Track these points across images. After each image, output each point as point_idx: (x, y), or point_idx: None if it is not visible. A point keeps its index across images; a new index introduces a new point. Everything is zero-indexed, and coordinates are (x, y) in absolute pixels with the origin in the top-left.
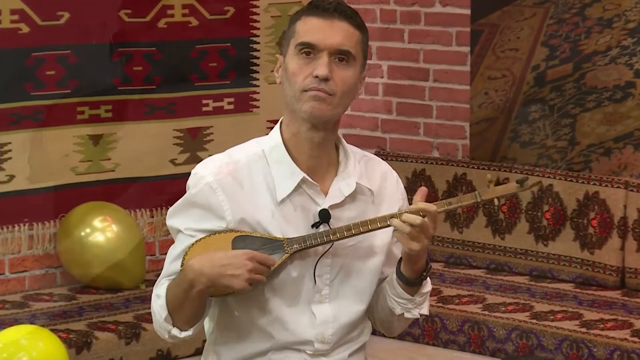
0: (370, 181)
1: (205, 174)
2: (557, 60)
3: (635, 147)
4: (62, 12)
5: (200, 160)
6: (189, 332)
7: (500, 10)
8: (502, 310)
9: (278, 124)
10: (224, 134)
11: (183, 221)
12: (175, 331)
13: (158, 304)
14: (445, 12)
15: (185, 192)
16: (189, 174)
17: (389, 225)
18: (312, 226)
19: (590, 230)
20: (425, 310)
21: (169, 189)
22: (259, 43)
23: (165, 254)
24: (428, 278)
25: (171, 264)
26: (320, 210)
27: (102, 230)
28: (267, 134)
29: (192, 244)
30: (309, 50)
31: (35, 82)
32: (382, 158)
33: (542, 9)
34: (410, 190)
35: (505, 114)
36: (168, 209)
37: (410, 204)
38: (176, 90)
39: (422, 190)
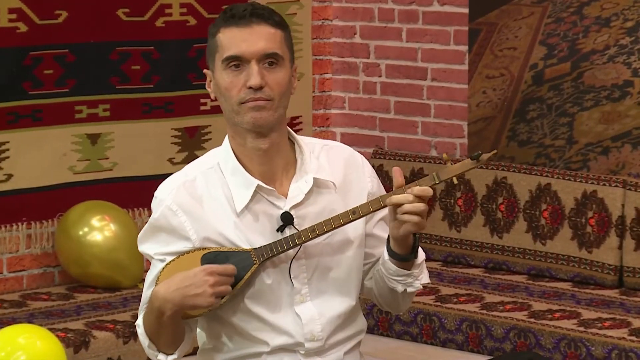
0: (332, 172)
1: (164, 196)
2: (555, 59)
3: (633, 146)
4: (60, 11)
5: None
6: (175, 355)
7: (498, 9)
8: (500, 310)
9: (227, 135)
10: (222, 133)
11: (152, 247)
12: (161, 356)
13: (140, 333)
14: (443, 10)
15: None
16: None
17: (351, 221)
18: (277, 230)
19: (588, 229)
20: (425, 279)
21: None
22: None
23: None
24: (420, 249)
25: (147, 291)
26: (282, 214)
27: (100, 229)
28: None
29: (163, 268)
30: (236, 62)
31: (33, 81)
32: (380, 157)
33: (540, 7)
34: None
35: (504, 112)
36: None
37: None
38: (174, 89)
39: (398, 170)
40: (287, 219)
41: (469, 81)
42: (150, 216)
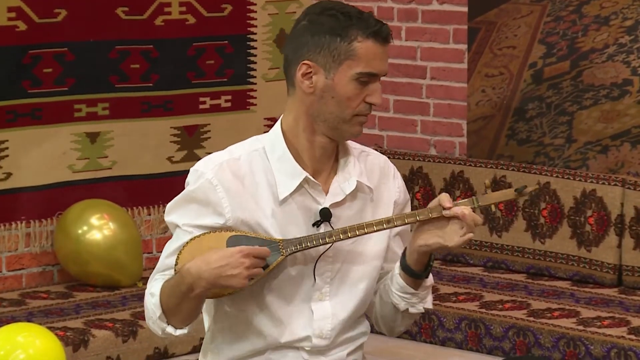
0: (369, 178)
1: (206, 170)
2: (554, 57)
3: (632, 145)
4: (59, 10)
5: (198, 158)
6: (184, 330)
7: (497, 8)
8: (499, 308)
9: (279, 122)
10: (221, 131)
11: (181, 217)
12: (169, 329)
13: (152, 302)
14: (443, 9)
15: (183, 189)
16: (186, 171)
17: (385, 228)
18: (313, 225)
19: (587, 228)
20: (429, 304)
21: (166, 186)
22: (256, 41)
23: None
24: (430, 273)
25: (166, 259)
26: (322, 209)
27: (99, 228)
28: (265, 132)
29: (187, 242)
30: (368, 78)
31: (33, 80)
32: None
33: (539, 6)
34: (407, 188)
35: (503, 111)
36: (165, 206)
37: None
38: (173, 87)
39: (447, 196)
40: (325, 215)
41: (468, 80)
42: (149, 213)
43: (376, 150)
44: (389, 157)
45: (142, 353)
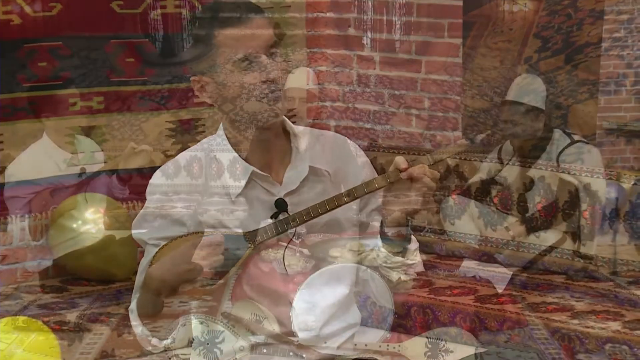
0: (327, 161)
1: (160, 182)
2: (549, 51)
3: (628, 139)
4: (54, 4)
5: None
6: (168, 340)
7: (492, 2)
8: (493, 302)
9: (221, 125)
10: (216, 125)
11: (146, 232)
12: (155, 341)
13: (132, 318)
14: (438, 3)
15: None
16: None
17: (347, 202)
18: (271, 217)
19: (582, 222)
20: (420, 267)
21: None
22: None
23: None
24: (412, 237)
25: (140, 275)
26: (276, 200)
27: (94, 222)
28: None
29: (156, 253)
30: (249, 61)
31: (28, 74)
32: (374, 150)
33: (534, 0)
34: None
35: (498, 105)
36: None
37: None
38: (168, 81)
39: (402, 158)
40: (281, 206)
41: (464, 74)
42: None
43: (371, 144)
44: (383, 152)
45: (138, 347)
